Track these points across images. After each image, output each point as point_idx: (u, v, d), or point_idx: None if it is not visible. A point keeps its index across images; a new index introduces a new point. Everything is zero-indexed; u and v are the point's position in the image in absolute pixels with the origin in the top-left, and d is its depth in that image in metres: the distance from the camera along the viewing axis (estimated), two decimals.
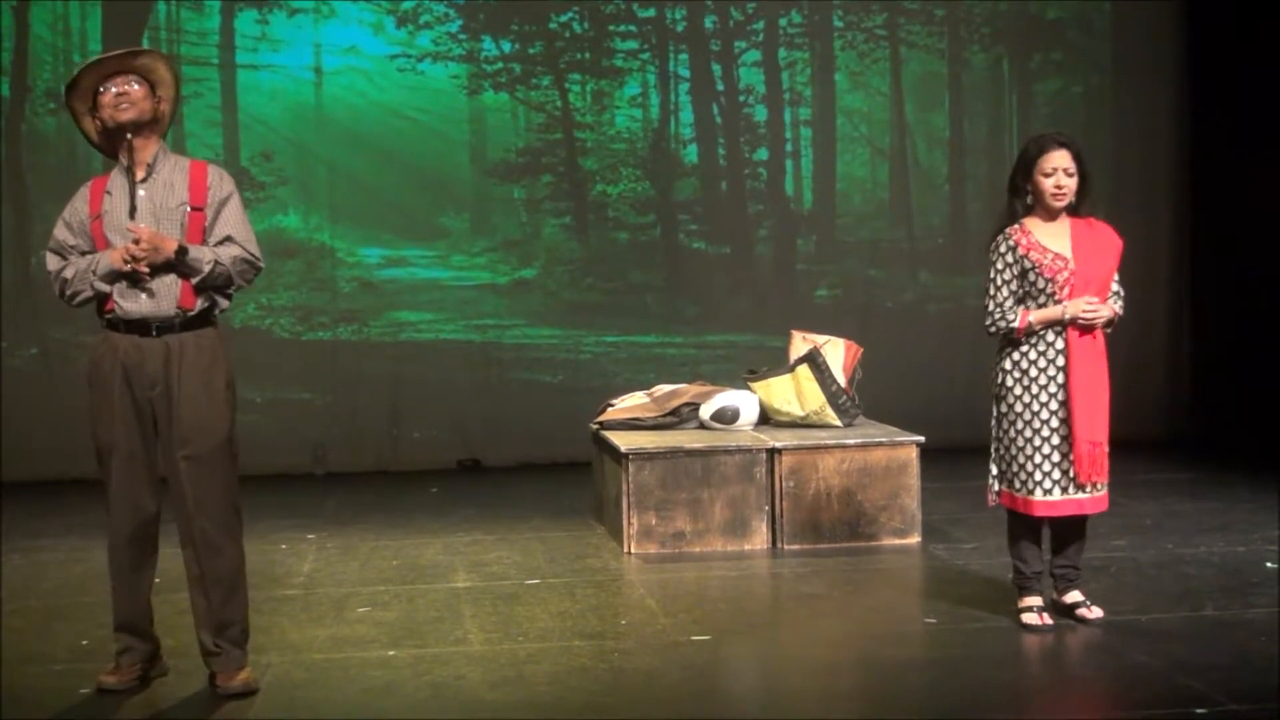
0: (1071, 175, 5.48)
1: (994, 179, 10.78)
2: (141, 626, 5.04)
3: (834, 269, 10.90)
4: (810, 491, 7.20)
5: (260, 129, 10.36)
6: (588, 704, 4.83)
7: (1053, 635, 5.49)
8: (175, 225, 4.89)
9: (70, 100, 4.96)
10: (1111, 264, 5.55)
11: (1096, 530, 6.64)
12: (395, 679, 5.11)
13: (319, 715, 4.77)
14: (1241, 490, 8.37)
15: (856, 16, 10.85)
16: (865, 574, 6.66)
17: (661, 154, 10.77)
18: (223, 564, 4.93)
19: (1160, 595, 6.06)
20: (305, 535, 7.79)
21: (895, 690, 5.07)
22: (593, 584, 6.55)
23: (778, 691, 5.23)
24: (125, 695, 4.94)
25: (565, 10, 10.63)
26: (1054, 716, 4.75)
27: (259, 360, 9.95)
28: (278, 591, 6.45)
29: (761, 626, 5.98)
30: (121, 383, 4.86)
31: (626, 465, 7.15)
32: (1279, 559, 6.62)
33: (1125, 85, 10.95)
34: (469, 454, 10.27)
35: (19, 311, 9.91)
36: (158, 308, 4.84)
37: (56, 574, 6.93)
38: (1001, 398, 5.55)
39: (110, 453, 4.90)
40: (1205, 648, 5.27)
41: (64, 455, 8.99)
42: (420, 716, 4.74)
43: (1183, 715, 4.52)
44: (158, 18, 10.25)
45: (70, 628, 5.87)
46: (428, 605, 6.18)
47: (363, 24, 10.38)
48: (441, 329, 10.53)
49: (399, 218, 10.62)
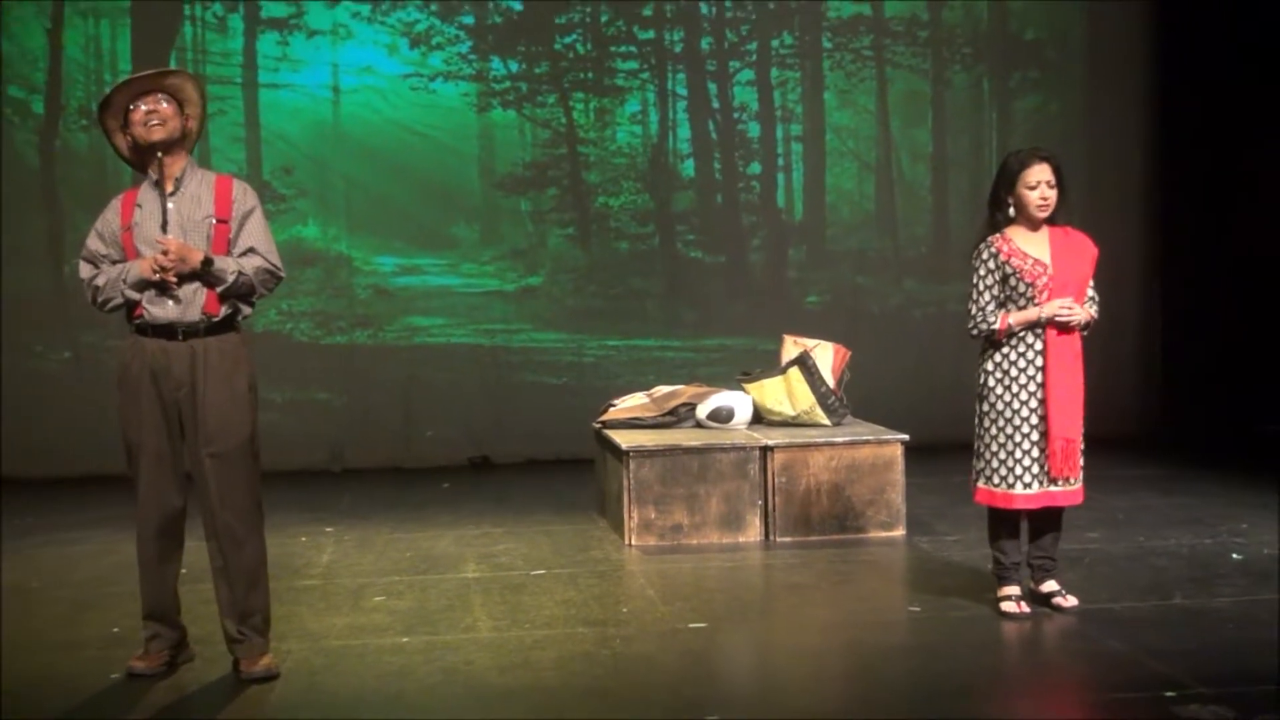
0: (1053, 187, 5.49)
1: (974, 191, 10.79)
2: (169, 615, 5.05)
3: (823, 277, 10.90)
4: (801, 487, 7.20)
5: (281, 144, 10.36)
6: (591, 687, 4.83)
7: (1030, 623, 5.49)
8: (201, 237, 4.89)
9: (103, 117, 4.97)
10: (1087, 269, 5.56)
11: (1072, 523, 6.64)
12: (409, 664, 5.12)
13: (337, 699, 4.78)
14: (1209, 486, 8.37)
15: (844, 38, 10.85)
16: (853, 565, 6.66)
17: (660, 168, 10.77)
18: (245, 556, 4.94)
19: (1132, 585, 6.06)
20: (324, 528, 7.80)
21: (881, 674, 5.08)
22: (595, 574, 6.55)
23: (770, 675, 5.23)
24: (153, 680, 4.95)
25: (569, 32, 10.65)
26: (1031, 699, 4.75)
27: (280, 363, 9.95)
28: (297, 582, 6.45)
29: (755, 614, 5.98)
30: (149, 385, 4.86)
31: (627, 462, 7.15)
32: (1244, 551, 6.62)
33: (1099, 102, 10.95)
34: (478, 451, 10.26)
35: (53, 317, 9.92)
36: (184, 314, 4.85)
37: (88, 565, 6.94)
38: (984, 397, 5.56)
39: (139, 451, 4.90)
40: (1174, 634, 5.27)
41: (95, 453, 8.98)
42: (432, 699, 4.74)
43: (1153, 698, 4.52)
44: (184, 39, 10.25)
45: (101, 616, 5.87)
46: (439, 594, 6.18)
47: (378, 45, 10.38)
48: (452, 333, 10.53)
49: (412, 228, 10.62)
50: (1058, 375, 5.45)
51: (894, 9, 10.87)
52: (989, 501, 5.56)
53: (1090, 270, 5.58)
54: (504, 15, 10.57)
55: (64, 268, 9.78)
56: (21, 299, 9.92)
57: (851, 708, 4.72)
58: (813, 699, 4.79)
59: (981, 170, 10.74)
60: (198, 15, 10.25)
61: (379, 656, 5.23)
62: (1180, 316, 10.71)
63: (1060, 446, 5.44)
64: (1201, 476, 8.69)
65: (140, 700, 4.78)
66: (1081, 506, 5.68)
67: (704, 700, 4.65)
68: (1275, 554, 6.52)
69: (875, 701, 4.76)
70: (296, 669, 5.07)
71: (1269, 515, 7.37)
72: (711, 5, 10.80)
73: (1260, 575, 6.15)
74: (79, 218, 9.46)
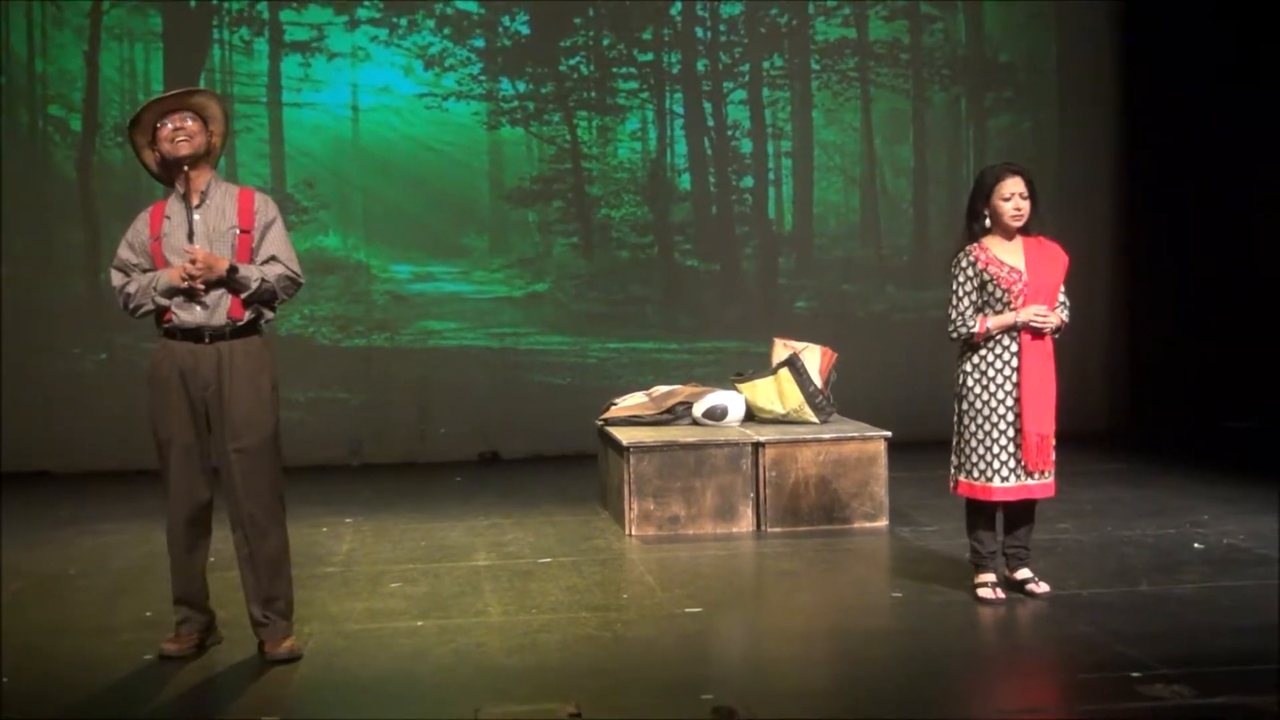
0: (1026, 199, 5.48)
1: (953, 203, 10.75)
2: (198, 600, 5.04)
3: (811, 283, 10.89)
4: (790, 480, 7.19)
5: (304, 160, 10.35)
6: (593, 668, 4.83)
7: (1005, 608, 5.48)
8: (226, 246, 4.88)
9: (132, 135, 4.96)
10: (1058, 276, 5.56)
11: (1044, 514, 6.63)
12: (423, 646, 5.11)
13: (356, 678, 4.77)
14: (1173, 479, 8.35)
15: (831, 60, 10.84)
16: (839, 553, 6.65)
17: (659, 182, 10.76)
18: (269, 545, 4.93)
19: (1101, 572, 6.05)
20: (343, 519, 7.78)
21: (865, 655, 5.06)
22: (598, 562, 6.54)
23: (761, 657, 5.22)
24: (184, 661, 4.94)
25: (573, 55, 10.64)
26: (1007, 680, 4.74)
27: (303, 364, 9.94)
28: (319, 569, 6.44)
29: (747, 600, 5.98)
30: (178, 384, 4.86)
31: (628, 457, 7.14)
32: (1205, 541, 6.61)
33: (1069, 120, 10.94)
34: (488, 447, 10.25)
35: (89, 321, 9.92)
36: (210, 318, 4.84)
37: (123, 554, 6.93)
38: (963, 396, 5.55)
39: (168, 446, 4.89)
40: (1140, 619, 5.26)
41: (128, 448, 8.96)
42: (445, 679, 4.74)
43: (1120, 678, 4.51)
44: (213, 61, 10.24)
45: (135, 601, 5.86)
46: (452, 581, 6.17)
47: (394, 67, 10.38)
48: (464, 336, 10.52)
49: (426, 238, 10.61)
50: (1031, 375, 5.45)
51: (877, 33, 10.86)
52: (969, 494, 5.55)
53: (1061, 277, 5.57)
54: (512, 39, 10.56)
55: (100, 275, 9.73)
56: (60, 304, 9.93)
57: (837, 687, 4.71)
58: (801, 678, 4.79)
59: (959, 183, 10.72)
60: (226, 39, 10.24)
61: (395, 639, 5.22)
62: (1147, 320, 10.70)
63: (1035, 441, 5.44)
64: (1166, 471, 8.68)
65: (171, 680, 4.78)
66: (1053, 498, 5.67)
67: (699, 680, 4.64)
68: (1234, 543, 6.51)
69: (860, 680, 4.75)
70: (318, 650, 5.06)
71: (1228, 507, 7.37)
72: (707, 29, 10.80)
73: (1220, 563, 6.14)
74: (114, 228, 9.37)
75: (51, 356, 9.91)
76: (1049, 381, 5.50)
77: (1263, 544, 6.45)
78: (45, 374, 9.87)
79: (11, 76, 10.02)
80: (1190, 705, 4.24)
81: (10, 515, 7.95)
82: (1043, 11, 11.03)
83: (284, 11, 10.25)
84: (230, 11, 10.22)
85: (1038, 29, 11.03)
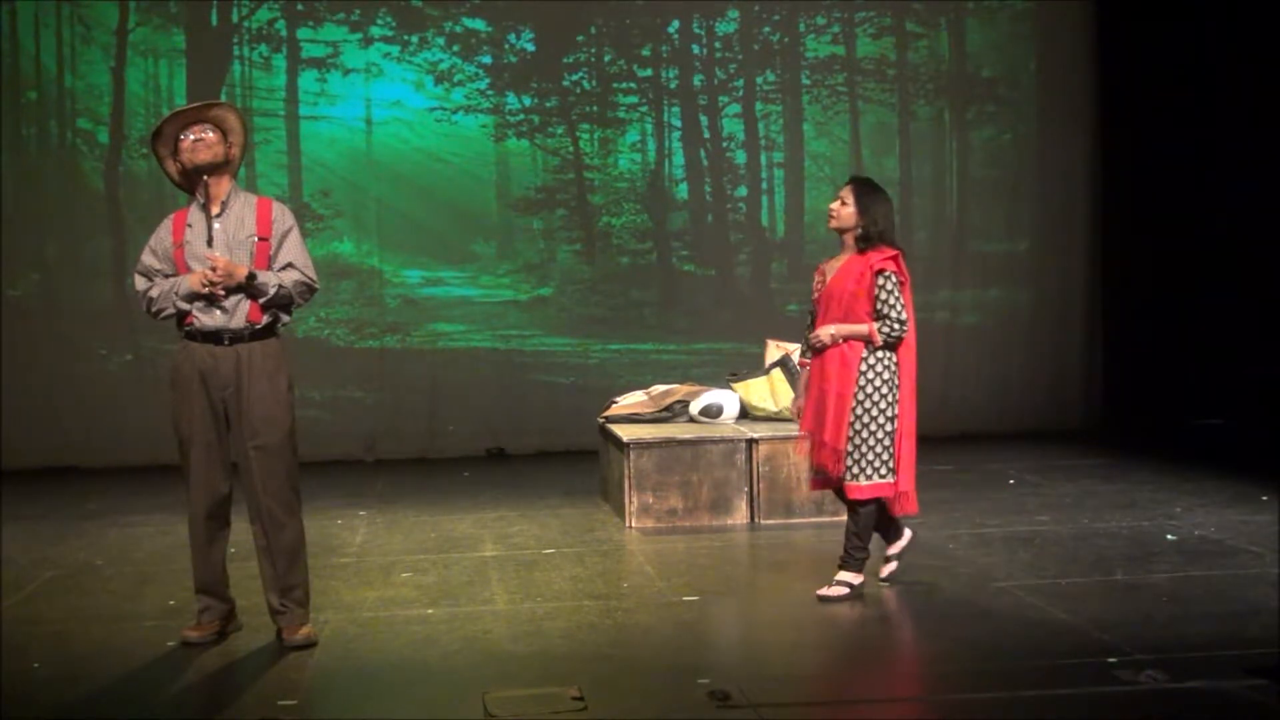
0: (845, 204, 5.41)
1: (937, 212, 10.78)
2: (218, 589, 5.03)
3: (802, 288, 10.80)
4: (783, 475, 7.18)
5: (320, 170, 10.34)
6: (595, 654, 4.82)
7: (985, 595, 5.46)
8: (245, 253, 4.87)
9: (155, 146, 4.96)
10: (853, 287, 5.36)
11: (1024, 508, 6.63)
12: (433, 633, 5.10)
13: (369, 663, 4.76)
14: (1146, 474, 8.33)
15: (821, 76, 10.84)
16: (829, 544, 6.61)
17: (657, 191, 10.75)
18: (286, 537, 4.92)
19: (1078, 563, 6.04)
20: (357, 512, 7.77)
21: (853, 639, 5.07)
22: (599, 553, 6.53)
23: (755, 642, 5.22)
24: (205, 647, 4.94)
25: (576, 71, 10.64)
26: (989, 663, 4.72)
27: (319, 364, 9.94)
28: (334, 560, 6.44)
29: (742, 588, 5.96)
30: (199, 384, 4.85)
31: (628, 453, 7.13)
32: (1177, 532, 6.60)
33: (1048, 132, 10.92)
34: (495, 444, 10.24)
35: (116, 324, 9.91)
36: (230, 322, 4.83)
37: (147, 545, 6.92)
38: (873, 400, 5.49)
39: (189, 443, 4.89)
40: (1116, 607, 5.27)
41: (153, 445, 8.95)
42: (454, 664, 4.73)
43: (1097, 664, 4.51)
44: (233, 76, 10.23)
45: (159, 590, 5.86)
46: (460, 571, 6.16)
47: (406, 82, 10.37)
48: (472, 338, 10.51)
49: (436, 244, 10.60)
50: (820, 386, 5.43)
51: (865, 50, 10.85)
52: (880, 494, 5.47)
53: (858, 288, 5.34)
54: (518, 55, 10.56)
55: (126, 280, 9.74)
56: (89, 308, 9.92)
57: (828, 671, 4.72)
58: (793, 663, 4.78)
59: (943, 193, 10.74)
60: (245, 55, 10.23)
61: (406, 626, 5.21)
62: (1121, 324, 10.69)
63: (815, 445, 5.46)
64: (1140, 466, 8.66)
65: (193, 664, 4.77)
66: (1032, 492, 5.66)
67: (697, 665, 4.63)
68: (1205, 535, 6.51)
69: (848, 663, 4.76)
70: (333, 637, 5.05)
71: (1199, 500, 7.37)
72: (703, 46, 10.79)
73: (1192, 554, 6.13)
74: (139, 236, 9.35)
75: (80, 358, 9.90)
76: (826, 393, 5.43)
77: (1232, 535, 6.45)
78: (74, 374, 9.86)
79: (43, 91, 10.02)
80: (1164, 689, 4.24)
81: (41, 509, 7.95)
82: (1023, 30, 11.03)
83: (301, 30, 10.24)
84: (250, 29, 10.21)
85: (1018, 46, 11.02)
